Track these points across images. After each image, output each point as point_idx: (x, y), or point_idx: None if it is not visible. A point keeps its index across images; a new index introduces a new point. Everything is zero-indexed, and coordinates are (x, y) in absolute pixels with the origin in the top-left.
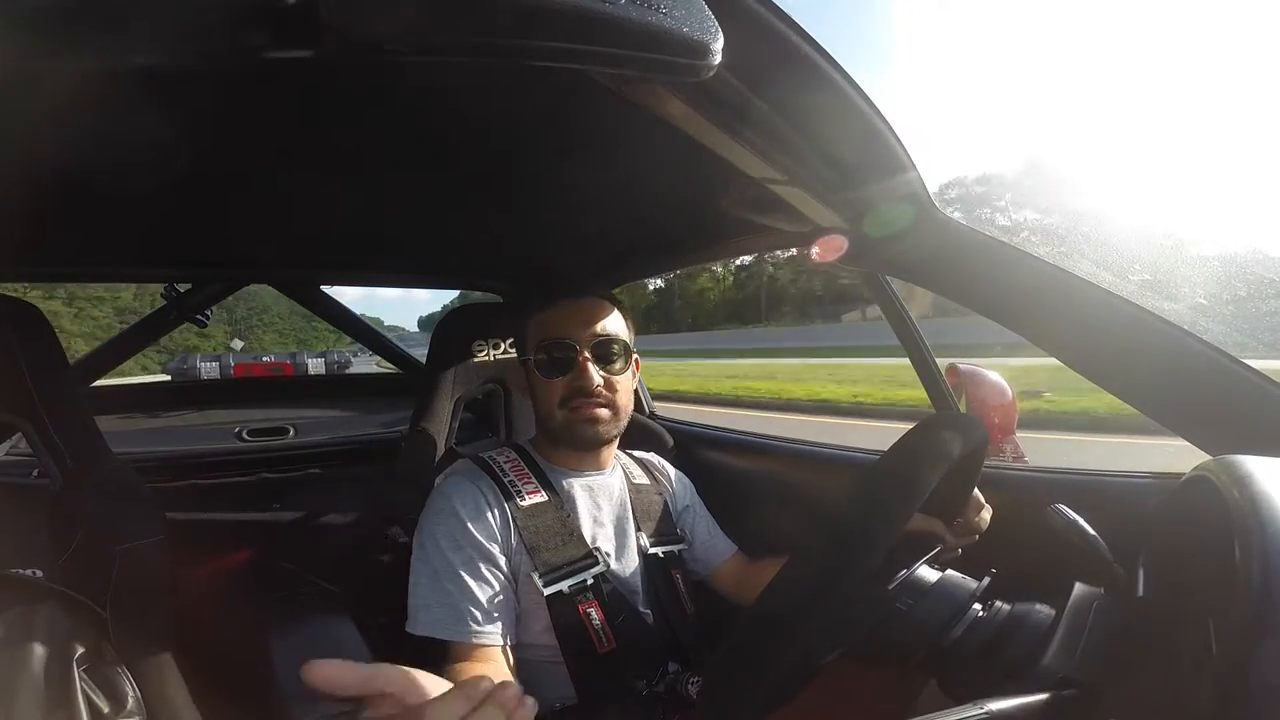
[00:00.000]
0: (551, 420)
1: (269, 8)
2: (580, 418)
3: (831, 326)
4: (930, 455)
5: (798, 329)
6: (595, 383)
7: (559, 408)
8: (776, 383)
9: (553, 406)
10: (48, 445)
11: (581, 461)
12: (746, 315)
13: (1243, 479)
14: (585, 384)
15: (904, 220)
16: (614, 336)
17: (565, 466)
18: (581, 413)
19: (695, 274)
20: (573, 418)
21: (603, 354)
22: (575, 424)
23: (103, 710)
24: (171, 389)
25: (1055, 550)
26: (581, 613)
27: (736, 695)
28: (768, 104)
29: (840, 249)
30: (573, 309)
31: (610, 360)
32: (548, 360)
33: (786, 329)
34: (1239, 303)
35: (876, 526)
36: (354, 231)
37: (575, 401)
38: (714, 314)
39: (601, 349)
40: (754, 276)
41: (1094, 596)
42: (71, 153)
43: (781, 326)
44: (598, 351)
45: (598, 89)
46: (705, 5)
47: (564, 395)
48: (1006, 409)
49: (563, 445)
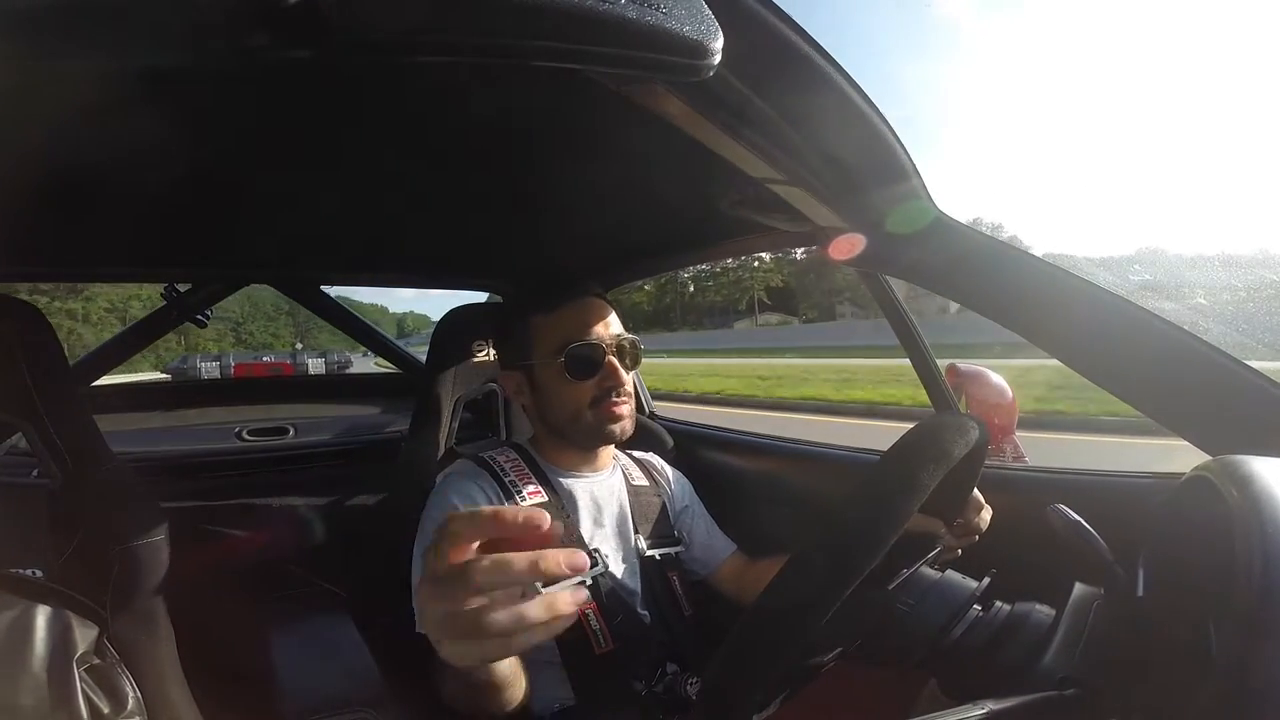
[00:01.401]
0: (578, 421)
1: (269, 8)
2: (612, 416)
3: (725, 331)
4: (930, 455)
5: (704, 334)
6: (625, 382)
7: (589, 409)
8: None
9: (581, 408)
10: (48, 445)
11: (583, 462)
12: (670, 322)
13: (1243, 479)
14: (616, 383)
15: (912, 222)
16: (627, 335)
17: (566, 467)
18: (613, 411)
19: (633, 289)
20: (604, 417)
21: (623, 353)
22: (607, 424)
23: (103, 710)
24: (171, 389)
25: (1055, 550)
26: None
27: (736, 696)
28: (768, 104)
29: (840, 249)
30: (589, 310)
31: (628, 358)
32: (576, 362)
33: (695, 334)
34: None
35: (876, 527)
36: (354, 231)
37: (606, 401)
38: (641, 320)
39: (622, 349)
40: (667, 290)
41: (1094, 596)
42: (72, 153)
43: (699, 331)
44: (619, 350)
45: (598, 89)
46: (705, 5)
47: (595, 396)
48: (1006, 409)
49: (578, 445)
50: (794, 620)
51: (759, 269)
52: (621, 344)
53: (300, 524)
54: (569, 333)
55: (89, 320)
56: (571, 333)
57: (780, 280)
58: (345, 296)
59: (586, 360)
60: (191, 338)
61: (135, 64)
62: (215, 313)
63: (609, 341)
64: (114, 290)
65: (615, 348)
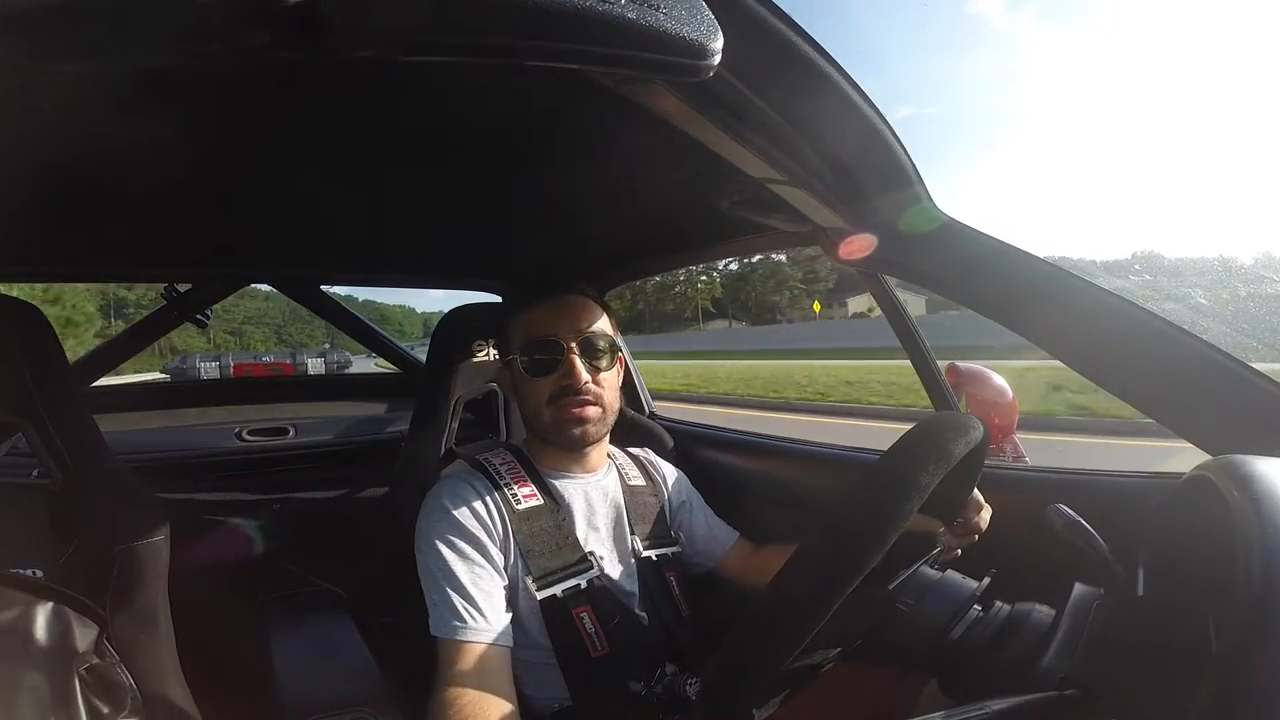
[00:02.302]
0: (539, 420)
1: (269, 7)
2: (569, 417)
3: (674, 334)
4: (930, 455)
5: (665, 336)
6: (583, 379)
7: (546, 406)
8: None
9: (540, 406)
10: (48, 445)
11: (575, 463)
12: (642, 327)
13: (1243, 479)
14: (573, 381)
15: (912, 223)
16: (600, 333)
17: (558, 468)
18: (570, 411)
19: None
20: (561, 417)
21: (589, 351)
22: (564, 423)
23: (102, 710)
24: (171, 389)
25: (1055, 550)
26: (575, 617)
27: (736, 696)
28: (768, 104)
29: (841, 249)
30: (557, 307)
31: (597, 357)
32: (532, 359)
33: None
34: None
35: (876, 527)
36: (354, 231)
37: (563, 400)
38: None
39: (588, 346)
40: (638, 297)
41: (1094, 596)
42: (72, 152)
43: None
44: (584, 349)
45: (598, 89)
46: (705, 5)
47: (552, 394)
48: (1006, 409)
49: (551, 446)
50: (794, 620)
51: (704, 283)
52: (589, 343)
53: (300, 524)
54: (533, 329)
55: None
56: (533, 330)
57: (720, 292)
58: (371, 300)
59: (541, 357)
60: (245, 339)
61: (135, 64)
62: (258, 318)
63: (570, 339)
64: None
65: (579, 346)
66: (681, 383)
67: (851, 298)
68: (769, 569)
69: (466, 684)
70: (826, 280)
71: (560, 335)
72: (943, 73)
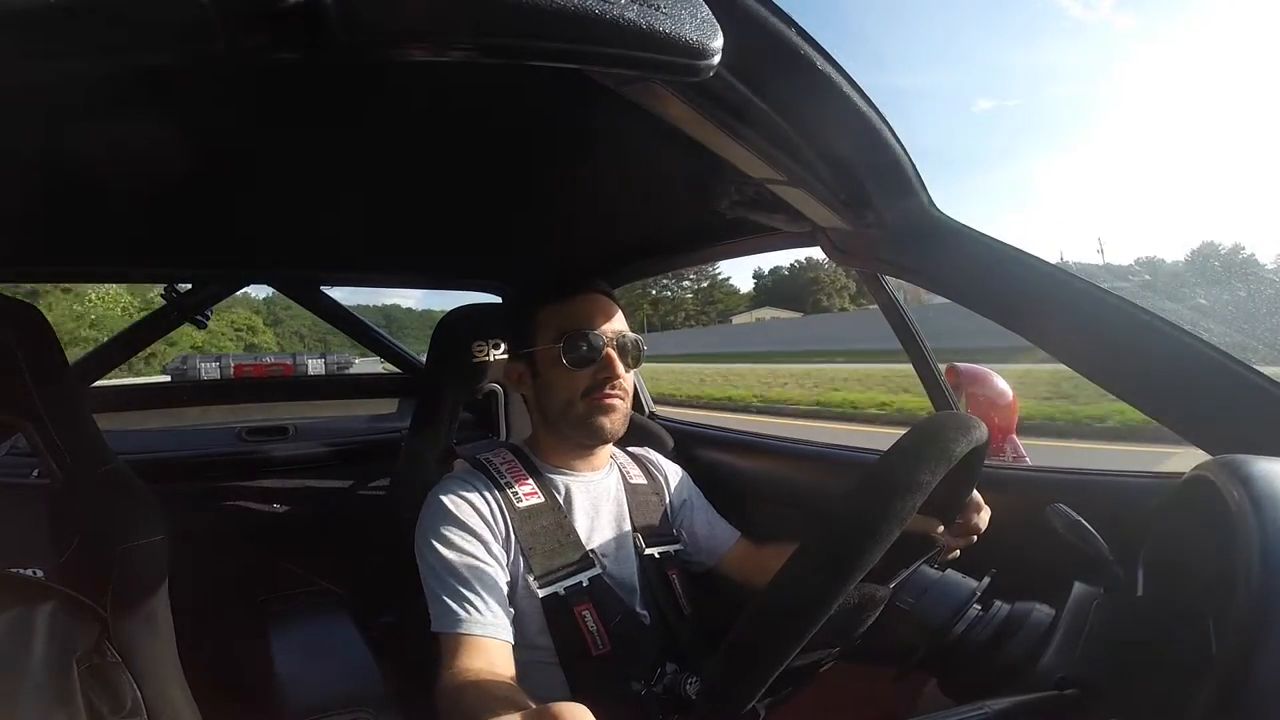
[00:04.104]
0: (570, 411)
1: (269, 7)
2: (602, 407)
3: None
4: (932, 454)
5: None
6: (621, 374)
7: (581, 398)
8: None
9: (574, 397)
10: (48, 445)
11: (579, 460)
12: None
13: (1243, 479)
14: (612, 374)
15: (913, 223)
16: (631, 335)
17: (562, 466)
18: (604, 402)
19: None
20: (595, 407)
21: (624, 351)
22: (596, 414)
23: (102, 710)
24: (171, 389)
25: (1055, 550)
26: (576, 615)
27: (737, 695)
28: (768, 104)
29: (841, 248)
30: (595, 303)
31: (631, 358)
32: (574, 350)
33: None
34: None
35: (876, 526)
36: (354, 231)
37: (598, 393)
38: None
39: (623, 346)
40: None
41: (1094, 596)
42: (72, 152)
43: None
44: (620, 347)
45: (598, 89)
46: (705, 5)
47: (588, 386)
48: (1006, 409)
49: (569, 440)
50: (795, 619)
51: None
52: (623, 341)
53: (300, 524)
54: (572, 322)
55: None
56: (575, 322)
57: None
58: (396, 304)
59: (585, 348)
60: (285, 339)
61: (135, 64)
62: (289, 322)
63: (610, 335)
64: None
65: (616, 343)
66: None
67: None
68: (770, 568)
69: (470, 677)
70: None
71: (601, 330)
72: (1024, 65)
